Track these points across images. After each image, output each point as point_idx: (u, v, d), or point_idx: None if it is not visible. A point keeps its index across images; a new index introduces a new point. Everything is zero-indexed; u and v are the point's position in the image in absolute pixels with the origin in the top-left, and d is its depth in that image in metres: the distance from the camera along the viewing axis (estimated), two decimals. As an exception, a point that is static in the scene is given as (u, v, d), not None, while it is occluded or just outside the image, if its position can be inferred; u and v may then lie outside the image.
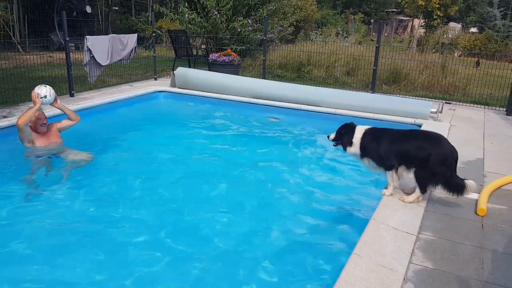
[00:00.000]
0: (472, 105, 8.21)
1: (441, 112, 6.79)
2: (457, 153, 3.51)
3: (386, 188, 3.76)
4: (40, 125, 4.64)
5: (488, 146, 5.44)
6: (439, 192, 3.88)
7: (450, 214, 3.45)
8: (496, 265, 2.75)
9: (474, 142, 5.58)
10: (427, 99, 8.31)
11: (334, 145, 3.98)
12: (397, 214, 3.33)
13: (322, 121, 6.94)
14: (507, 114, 7.52)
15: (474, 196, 3.80)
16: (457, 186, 3.42)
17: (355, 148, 3.74)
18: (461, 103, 8.30)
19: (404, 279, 2.52)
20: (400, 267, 2.62)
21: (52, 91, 4.61)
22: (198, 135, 6.23)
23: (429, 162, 3.41)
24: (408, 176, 3.65)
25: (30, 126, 4.62)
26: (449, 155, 3.44)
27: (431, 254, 2.83)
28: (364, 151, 3.71)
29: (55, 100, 4.69)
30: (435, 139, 3.56)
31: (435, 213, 3.46)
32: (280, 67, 11.38)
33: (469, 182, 3.42)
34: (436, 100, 8.15)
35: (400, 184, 3.76)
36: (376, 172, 3.82)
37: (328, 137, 3.97)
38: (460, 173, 4.35)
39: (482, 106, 8.10)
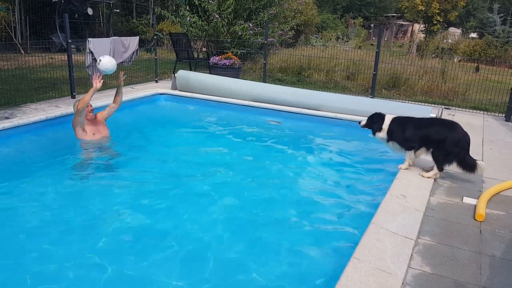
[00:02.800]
0: (471, 110, 8.25)
1: (440, 117, 6.81)
2: (469, 137, 4.23)
3: (403, 164, 4.55)
4: (89, 112, 5.14)
5: (487, 152, 5.47)
6: (438, 196, 3.92)
7: (449, 219, 3.48)
8: (494, 270, 2.77)
9: (473, 148, 5.56)
10: (426, 104, 8.34)
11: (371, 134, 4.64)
12: (397, 218, 3.35)
13: (322, 125, 6.97)
14: (506, 120, 7.56)
15: (472, 201, 3.83)
16: (469, 165, 4.14)
17: (383, 133, 4.47)
18: (460, 109, 8.34)
19: (403, 283, 2.54)
20: (399, 271, 2.64)
21: (113, 62, 5.17)
22: (199, 138, 6.25)
23: (445, 143, 4.14)
24: (426, 157, 4.46)
25: None
26: (461, 138, 4.16)
27: (429, 258, 2.86)
28: (391, 136, 4.45)
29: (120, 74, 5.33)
30: (451, 125, 4.29)
31: (434, 218, 3.48)
32: (281, 71, 11.43)
33: (480, 163, 4.12)
34: (436, 105, 8.19)
35: (419, 164, 4.58)
36: (399, 153, 4.55)
37: (360, 123, 4.68)
38: (458, 178, 4.42)
39: (482, 112, 8.13)
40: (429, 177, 4.29)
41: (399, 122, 4.45)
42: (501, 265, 2.84)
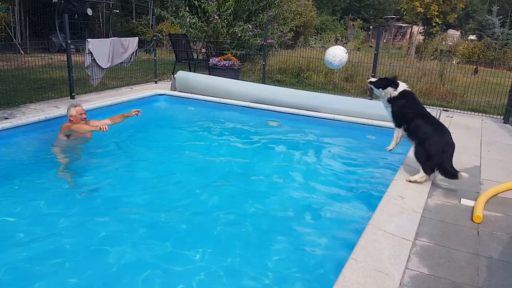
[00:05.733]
0: (469, 112, 8.27)
1: (438, 119, 6.82)
2: (454, 147, 4.12)
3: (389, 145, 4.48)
4: (82, 119, 5.09)
5: (485, 154, 5.49)
6: (436, 198, 3.93)
7: (446, 220, 3.49)
8: (492, 272, 2.78)
9: (471, 150, 5.62)
10: (424, 106, 8.35)
11: (369, 83, 4.62)
12: (394, 219, 3.36)
13: (321, 126, 6.99)
14: (504, 122, 7.58)
15: (470, 203, 3.84)
16: (450, 173, 4.03)
17: (395, 92, 4.41)
18: (458, 111, 8.36)
19: (400, 284, 2.55)
20: (397, 272, 2.65)
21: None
22: (198, 139, 6.26)
23: (426, 143, 4.05)
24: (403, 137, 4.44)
25: (71, 120, 5.06)
26: (445, 145, 4.05)
27: (427, 260, 2.87)
28: (394, 103, 4.40)
29: None
30: (442, 128, 4.24)
31: (432, 219, 3.49)
32: (280, 72, 11.45)
33: (463, 174, 3.99)
34: (434, 107, 8.21)
35: (409, 171, 4.38)
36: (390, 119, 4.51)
37: (368, 79, 4.63)
38: (456, 180, 4.42)
39: (480, 114, 8.15)
40: (416, 181, 4.13)
41: (411, 96, 4.51)
42: (499, 266, 2.85)
